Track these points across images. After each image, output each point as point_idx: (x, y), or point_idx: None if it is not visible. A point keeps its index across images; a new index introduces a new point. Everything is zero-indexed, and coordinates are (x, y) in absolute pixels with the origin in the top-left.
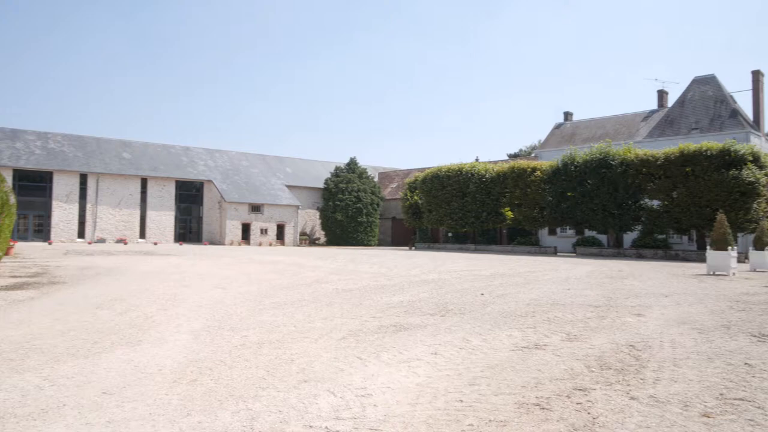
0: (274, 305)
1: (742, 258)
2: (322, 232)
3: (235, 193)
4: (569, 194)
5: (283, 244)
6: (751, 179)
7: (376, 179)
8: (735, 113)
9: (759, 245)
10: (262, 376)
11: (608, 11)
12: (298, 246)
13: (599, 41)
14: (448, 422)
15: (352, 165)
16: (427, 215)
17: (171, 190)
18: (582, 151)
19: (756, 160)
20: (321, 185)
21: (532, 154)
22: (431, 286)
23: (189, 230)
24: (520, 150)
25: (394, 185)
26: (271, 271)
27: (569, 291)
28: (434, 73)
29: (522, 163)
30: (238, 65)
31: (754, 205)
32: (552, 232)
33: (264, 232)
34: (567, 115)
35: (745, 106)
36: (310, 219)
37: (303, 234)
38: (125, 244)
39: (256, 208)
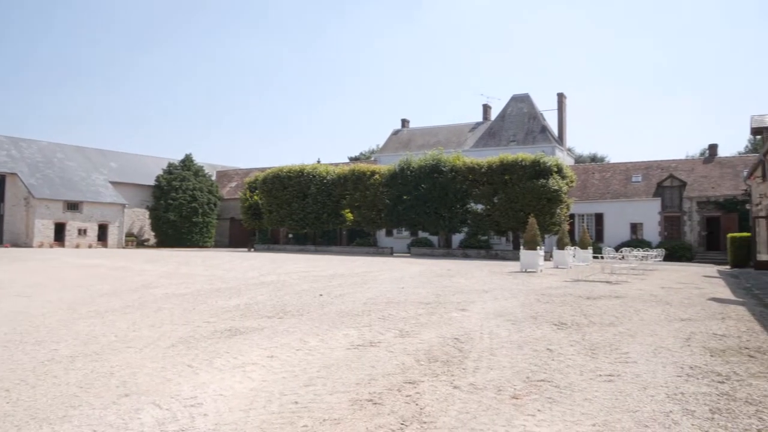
0: (93, 314)
1: (548, 256)
2: (153, 233)
3: (46, 189)
4: (405, 197)
5: (105, 246)
6: (556, 188)
7: (213, 178)
8: (544, 129)
9: (561, 245)
10: (74, 393)
11: (446, 25)
12: (124, 248)
13: (436, 53)
14: (283, 425)
15: (187, 162)
16: (268, 216)
17: None
18: (417, 157)
19: (560, 171)
20: (152, 182)
21: (372, 158)
22: (270, 288)
23: None
24: (361, 153)
25: (233, 185)
26: (91, 275)
27: (403, 290)
28: (277, 72)
29: (362, 166)
30: (57, 43)
31: (558, 210)
32: (389, 234)
33: (83, 232)
34: (404, 122)
35: (552, 123)
36: (139, 219)
37: (130, 235)
38: None
39: (73, 206)
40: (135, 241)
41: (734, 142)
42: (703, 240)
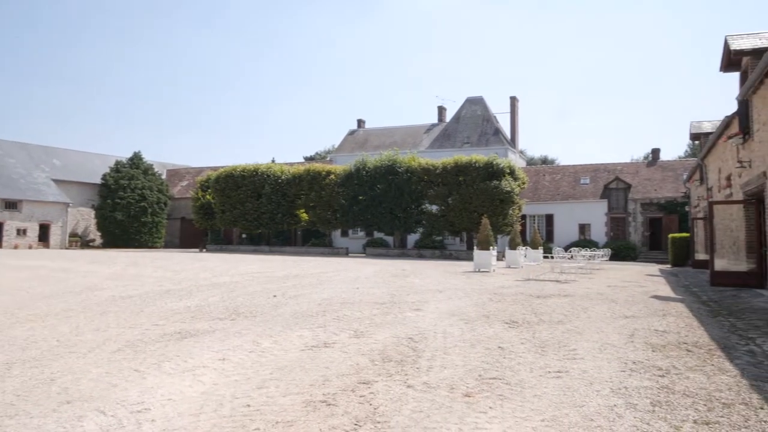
0: (33, 317)
1: (501, 256)
2: (99, 233)
3: None
4: (361, 198)
5: (47, 246)
6: (508, 189)
7: (164, 176)
8: (497, 131)
9: (513, 245)
10: (10, 402)
11: (402, 27)
12: (68, 249)
13: (392, 54)
14: (234, 429)
15: (136, 160)
16: (221, 216)
17: None
18: (373, 158)
19: (512, 173)
20: (98, 181)
21: (328, 158)
22: (222, 289)
23: None
24: (316, 153)
25: (185, 183)
26: (31, 277)
27: (358, 290)
28: (231, 70)
29: (317, 166)
30: None
31: (510, 211)
32: (344, 234)
33: (22, 233)
34: (360, 123)
35: (505, 125)
36: (84, 218)
37: (74, 235)
38: None
39: (11, 205)
40: (79, 241)
41: (675, 147)
42: (646, 240)
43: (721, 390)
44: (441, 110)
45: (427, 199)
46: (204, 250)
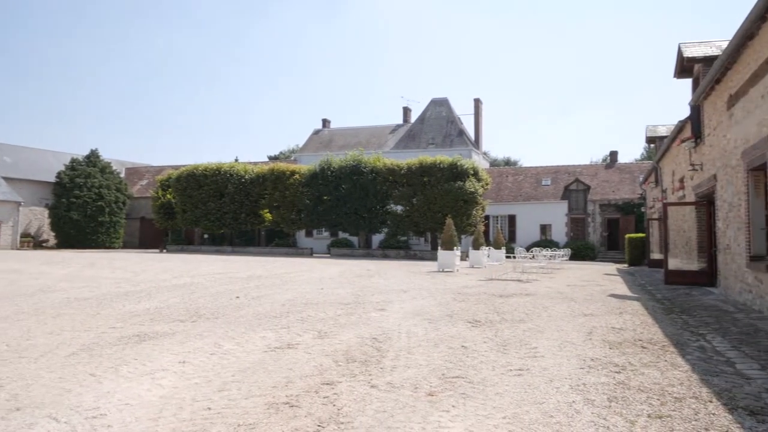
0: None
1: (464, 256)
2: (53, 234)
3: None
4: (325, 198)
5: None
6: (472, 190)
7: (122, 175)
8: (461, 133)
9: (476, 245)
10: None
11: (368, 27)
12: (20, 249)
13: (358, 55)
14: None
15: (93, 158)
16: (182, 215)
17: None
18: (338, 158)
19: (476, 174)
20: (53, 179)
21: (292, 158)
22: (183, 290)
23: None
24: (281, 153)
25: (144, 182)
26: None
27: (322, 290)
28: (194, 68)
29: (282, 165)
30: None
31: (474, 212)
32: (309, 234)
33: None
34: (325, 122)
35: (469, 127)
36: (37, 218)
37: (27, 235)
38: None
39: None
40: (32, 241)
41: (633, 150)
42: (605, 240)
43: (673, 385)
44: (406, 111)
45: (392, 200)
46: (164, 250)
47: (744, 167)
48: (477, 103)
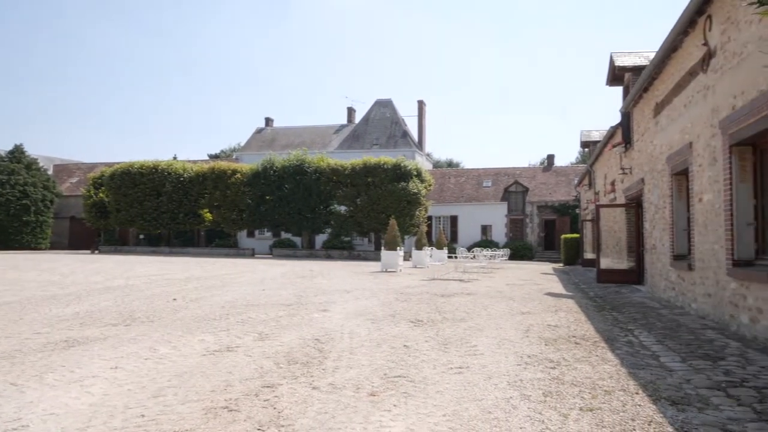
0: None
1: (407, 257)
2: None
3: None
4: (268, 198)
5: None
6: (415, 191)
7: (50, 172)
8: (405, 134)
9: (419, 246)
10: None
11: (313, 26)
12: None
13: (302, 53)
14: None
15: (17, 153)
16: (116, 215)
17: None
18: (281, 157)
19: (419, 175)
20: None
21: (234, 157)
22: (116, 293)
23: None
24: (222, 151)
25: (75, 180)
26: None
27: (264, 291)
28: (129, 60)
29: (222, 164)
30: None
31: (417, 212)
32: (251, 234)
33: None
34: (268, 121)
35: (413, 128)
36: None
37: None
38: None
39: None
40: None
41: (568, 153)
42: (542, 240)
43: (603, 378)
44: (350, 111)
45: (336, 200)
46: (96, 251)
47: (668, 172)
48: (421, 104)
